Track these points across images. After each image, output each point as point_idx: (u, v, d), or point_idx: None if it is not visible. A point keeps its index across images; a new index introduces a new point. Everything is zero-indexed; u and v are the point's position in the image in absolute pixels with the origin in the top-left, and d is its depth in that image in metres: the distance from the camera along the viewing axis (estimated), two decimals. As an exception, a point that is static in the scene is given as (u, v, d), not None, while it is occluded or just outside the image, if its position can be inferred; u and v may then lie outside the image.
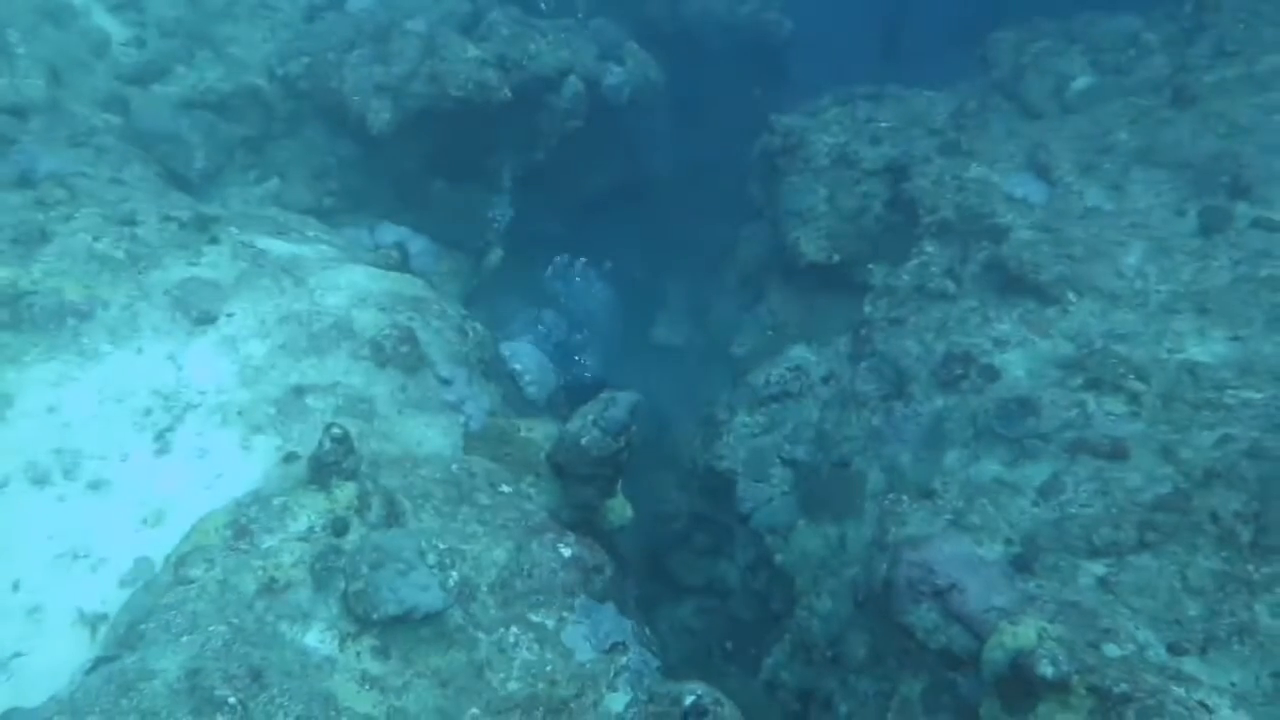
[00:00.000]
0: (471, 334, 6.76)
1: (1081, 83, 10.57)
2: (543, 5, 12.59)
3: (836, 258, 9.47)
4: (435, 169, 10.17)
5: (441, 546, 4.64)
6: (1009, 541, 5.87)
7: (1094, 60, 10.80)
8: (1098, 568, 5.52)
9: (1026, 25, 11.75)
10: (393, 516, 4.86)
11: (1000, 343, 7.57)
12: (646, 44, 14.04)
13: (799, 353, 8.69)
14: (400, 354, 5.91)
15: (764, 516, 7.88)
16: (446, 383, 6.06)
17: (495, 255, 10.24)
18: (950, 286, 8.17)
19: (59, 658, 4.46)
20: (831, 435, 7.90)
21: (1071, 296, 7.65)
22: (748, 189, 12.27)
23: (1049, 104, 10.57)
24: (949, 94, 11.38)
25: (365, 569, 4.44)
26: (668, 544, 9.03)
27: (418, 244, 9.07)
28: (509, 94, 9.51)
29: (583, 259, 10.81)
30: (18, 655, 4.44)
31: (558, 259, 11.00)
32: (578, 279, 10.02)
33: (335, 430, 4.78)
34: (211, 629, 4.20)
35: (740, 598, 8.52)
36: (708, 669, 8.40)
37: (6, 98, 7.91)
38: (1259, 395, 6.34)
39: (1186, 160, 8.63)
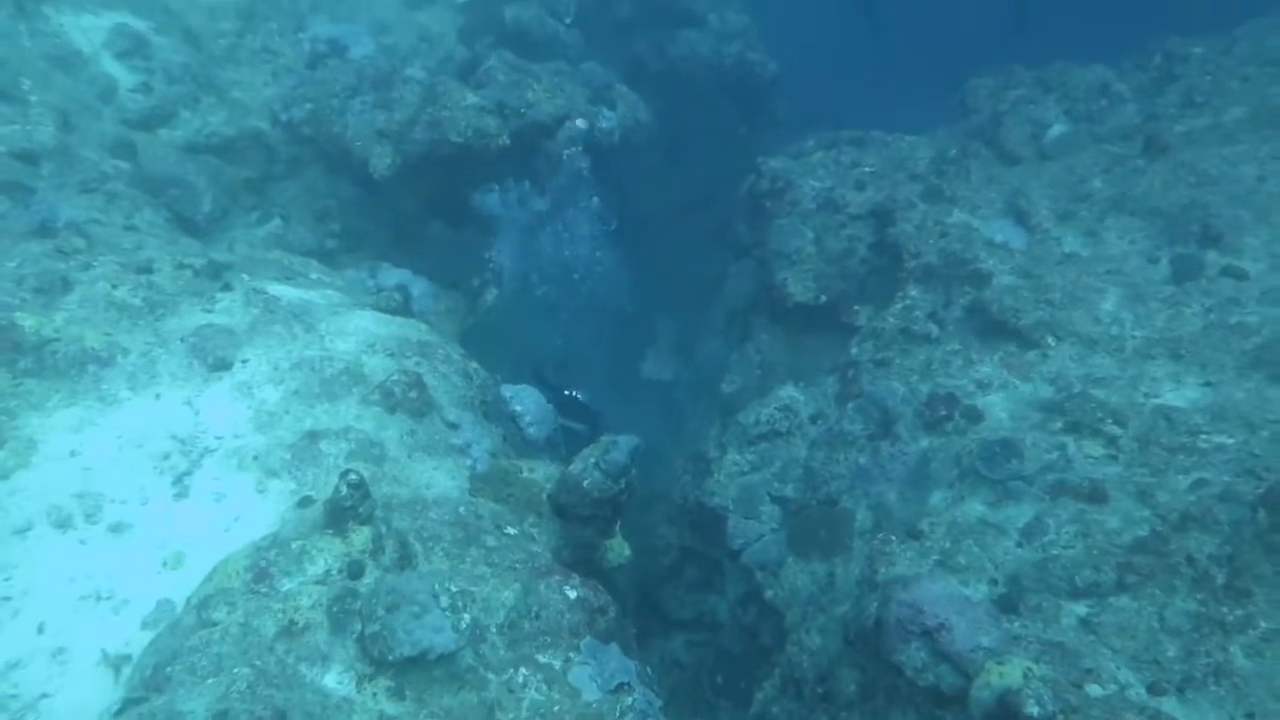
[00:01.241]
0: (474, 377, 6.89)
1: (1057, 130, 10.84)
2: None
3: (823, 298, 9.64)
4: (434, 211, 10.35)
5: (453, 589, 4.75)
6: (994, 582, 6.03)
7: (1068, 109, 11.08)
8: (1080, 608, 5.68)
9: (1003, 72, 12.00)
10: (405, 559, 4.97)
11: (983, 385, 7.76)
12: (634, 82, 14.26)
13: (788, 392, 8.82)
14: (409, 399, 6.04)
15: (754, 553, 7.99)
16: (454, 426, 6.19)
17: (491, 294, 10.39)
18: (934, 330, 8.36)
19: (84, 699, 4.54)
20: (820, 473, 8.03)
21: (1051, 341, 7.85)
22: (734, 227, 12.46)
23: (1026, 150, 10.82)
24: (929, 138, 11.62)
25: (381, 611, 4.55)
26: (658, 578, 9.13)
27: (419, 286, 9.21)
28: (507, 140, 9.69)
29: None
30: (44, 696, 4.51)
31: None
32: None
33: (352, 476, 4.90)
34: (236, 671, 4.30)
35: (730, 632, 8.63)
36: (697, 702, 8.53)
37: (19, 143, 8.02)
38: (1231, 440, 6.54)
39: (1158, 209, 8.87)
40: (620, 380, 13.71)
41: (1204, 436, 6.63)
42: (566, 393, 9.91)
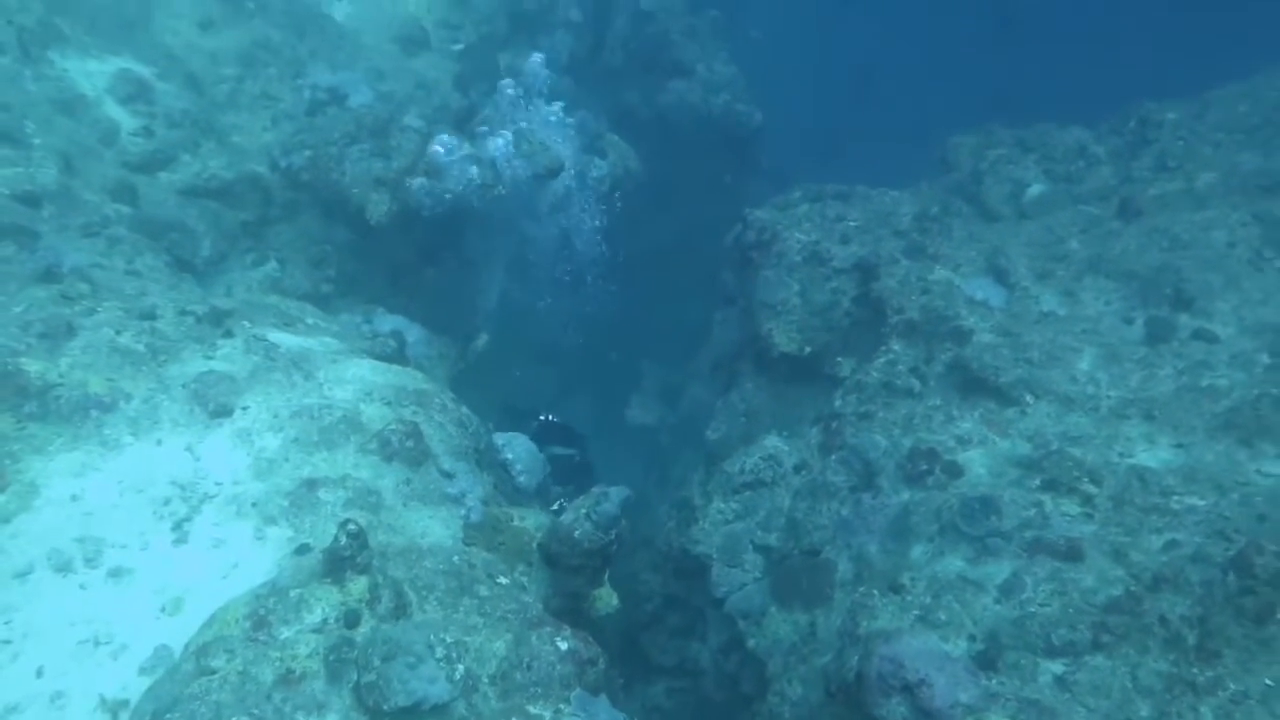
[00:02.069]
0: (468, 425, 6.97)
1: (1036, 190, 11.06)
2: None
3: (808, 349, 9.75)
4: (428, 257, 10.44)
5: (448, 640, 4.81)
6: (973, 638, 6.11)
7: (1047, 169, 11.30)
8: (1056, 666, 5.77)
9: (984, 131, 12.23)
10: (400, 608, 5.02)
11: (963, 441, 7.88)
12: (623, 128, 14.49)
13: (772, 442, 8.91)
14: (406, 448, 6.11)
15: (737, 601, 8.05)
16: (448, 476, 6.26)
17: (482, 340, 10.49)
18: (916, 384, 8.48)
19: (81, 744, 4.57)
20: (802, 524, 8.11)
21: (1029, 399, 8.00)
22: (720, 275, 12.60)
23: (1006, 208, 11.04)
24: (912, 193, 11.79)
25: (377, 661, 4.60)
26: (641, 623, 9.17)
27: (413, 333, 9.29)
28: (503, 192, 9.82)
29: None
30: (42, 740, 4.55)
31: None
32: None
33: (351, 526, 4.95)
34: (234, 720, 4.35)
35: (712, 679, 8.68)
36: (678, 751, 8.58)
37: (22, 185, 8.08)
38: (1202, 503, 6.68)
39: (1133, 271, 9.05)
40: (605, 424, 13.81)
41: (1176, 497, 6.77)
42: (542, 417, 9.98)
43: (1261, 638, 5.63)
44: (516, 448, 7.43)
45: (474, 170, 9.60)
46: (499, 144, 10.23)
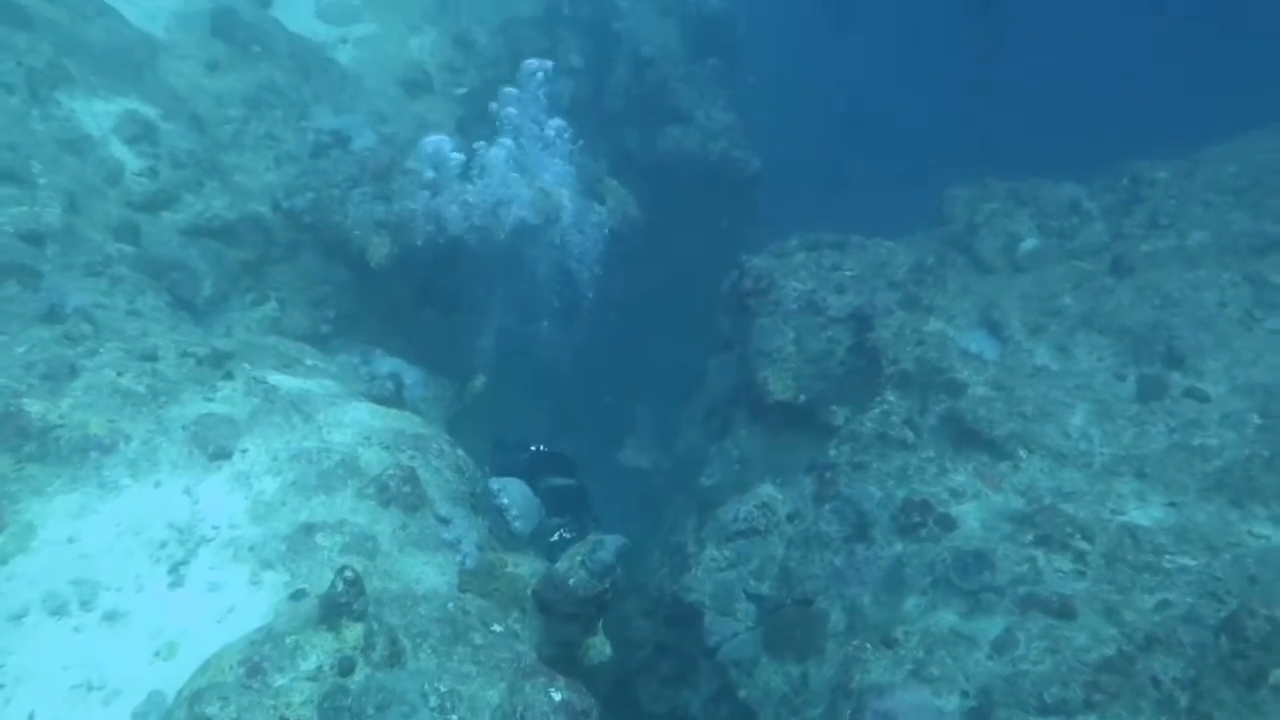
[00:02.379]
0: (465, 470, 6.98)
1: (1029, 244, 11.14)
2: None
3: (802, 398, 9.75)
4: (426, 298, 10.49)
5: (442, 689, 4.79)
6: (965, 694, 6.10)
7: (1041, 224, 11.38)
8: (1048, 724, 5.76)
9: (979, 183, 12.33)
10: (394, 656, 5.00)
11: (956, 494, 7.90)
12: (622, 172, 14.60)
13: (766, 491, 8.90)
14: (403, 494, 6.11)
15: (730, 650, 8.01)
16: (444, 521, 6.25)
17: (479, 382, 10.51)
18: (910, 436, 8.50)
19: (72, 789, 4.54)
20: (796, 573, 8.10)
21: (1022, 453, 8.03)
22: (716, 320, 12.65)
23: (1000, 260, 11.12)
24: (907, 244, 11.85)
25: (371, 710, 4.58)
26: (633, 670, 9.12)
27: (411, 375, 9.32)
28: (503, 237, 9.89)
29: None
30: (32, 786, 4.51)
31: None
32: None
33: (348, 573, 4.94)
34: (227, 769, 4.32)
35: (702, 727, 8.63)
36: (668, 799, 8.51)
37: (26, 224, 8.11)
38: (1193, 562, 6.70)
39: (1125, 328, 9.12)
40: (598, 466, 13.78)
41: (1168, 556, 6.79)
42: (533, 448, 9.93)
43: (1252, 701, 5.64)
44: (512, 492, 7.41)
45: (474, 214, 9.68)
46: (498, 156, 10.32)
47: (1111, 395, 8.57)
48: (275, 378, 7.01)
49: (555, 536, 8.99)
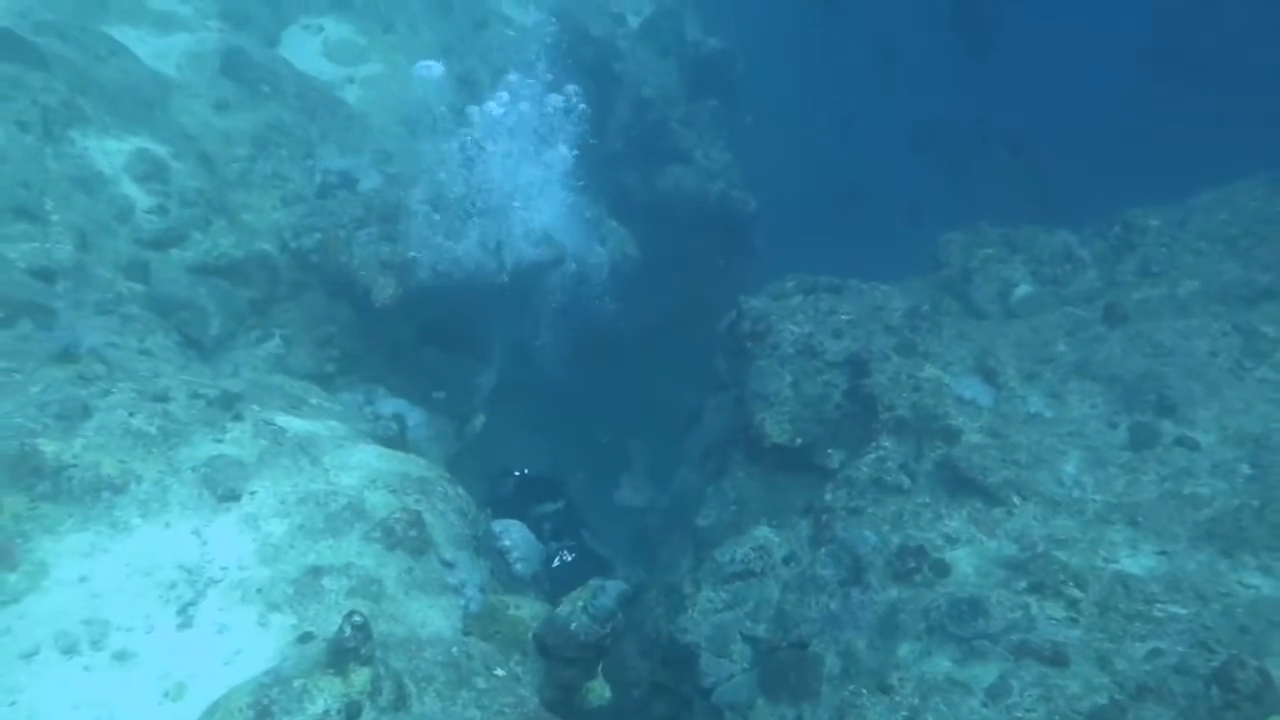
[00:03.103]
0: (468, 513, 7.06)
1: (1023, 290, 11.27)
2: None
3: (798, 440, 9.82)
4: (429, 338, 10.60)
5: (447, 735, 4.87)
6: (960, 742, 6.16)
7: (1034, 270, 11.52)
8: (1042, 773, 5.82)
9: (973, 229, 12.49)
10: (400, 700, 5.06)
11: (951, 539, 7.96)
12: (621, 209, 14.73)
13: (763, 533, 8.97)
14: (409, 538, 6.18)
15: (725, 693, 8.04)
16: (449, 565, 6.33)
17: (479, 421, 10.60)
18: (905, 481, 8.58)
19: (81, 831, 4.58)
20: (791, 616, 8.14)
21: (1016, 500, 8.10)
22: (713, 361, 12.75)
23: (994, 307, 11.25)
24: (902, 288, 11.98)
25: (378, 755, 4.65)
26: (628, 710, 9.14)
27: (414, 416, 9.42)
28: (506, 279, 10.01)
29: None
30: (41, 828, 4.55)
31: None
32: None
33: (356, 619, 5.00)
34: (236, 812, 4.37)
35: (696, 769, 8.64)
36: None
37: (38, 261, 8.23)
38: (1184, 611, 6.76)
39: (1117, 376, 9.21)
40: (594, 504, 13.85)
41: (1159, 605, 6.85)
42: (516, 472, 9.97)
43: (1242, 752, 5.71)
44: (514, 535, 7.50)
45: (477, 256, 9.81)
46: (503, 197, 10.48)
47: (1104, 443, 8.65)
48: (283, 419, 7.09)
49: (556, 561, 9.08)
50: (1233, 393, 8.90)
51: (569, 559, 9.57)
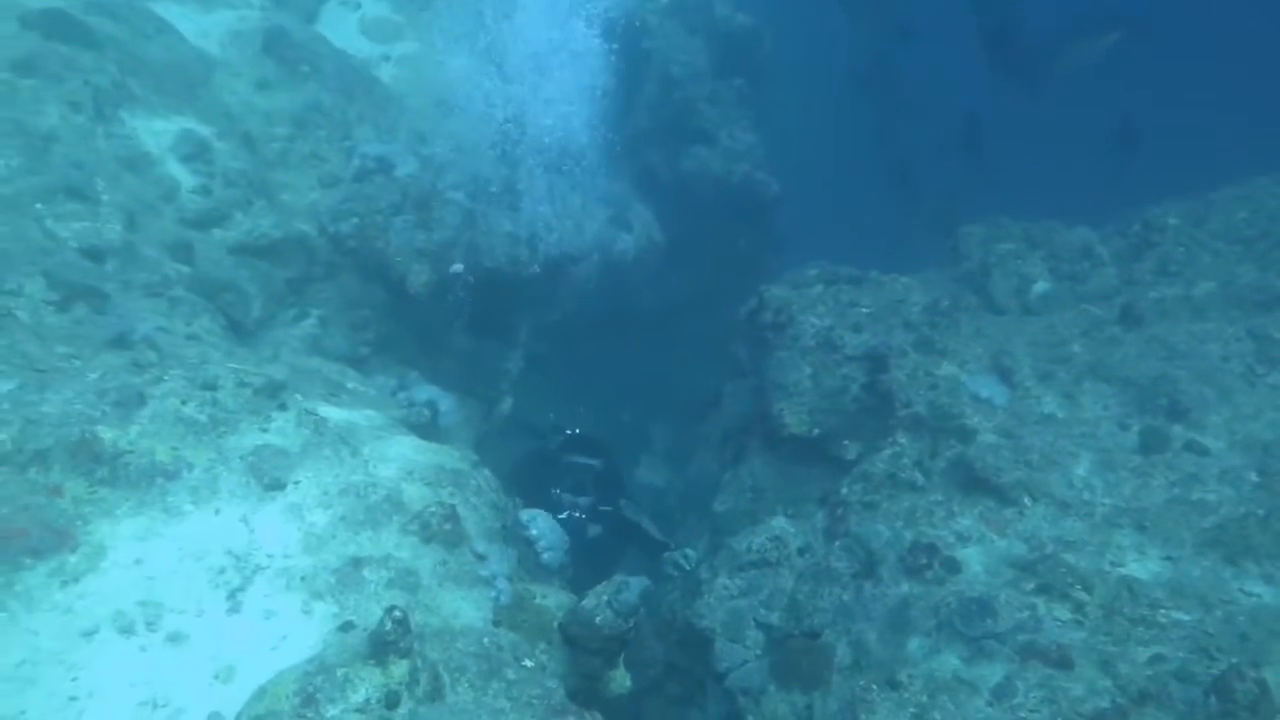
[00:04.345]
0: (500, 506, 7.28)
1: (1041, 287, 11.38)
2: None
3: (816, 431, 9.98)
4: (460, 324, 10.78)
5: (481, 727, 5.10)
6: (965, 739, 6.37)
7: (1053, 267, 11.61)
8: (1043, 773, 6.03)
9: (993, 222, 12.56)
10: (436, 690, 5.29)
11: (962, 538, 8.12)
12: (645, 189, 14.79)
13: (779, 524, 9.14)
14: (444, 531, 6.39)
15: (739, 678, 8.24)
16: (481, 558, 6.54)
17: (506, 404, 10.81)
18: (920, 479, 8.74)
19: (139, 805, 4.83)
20: (805, 605, 8.33)
21: (1027, 501, 8.25)
22: (733, 346, 12.90)
23: (1012, 302, 11.36)
24: (922, 281, 12.08)
25: (416, 744, 4.89)
26: (643, 689, 9.38)
27: (446, 403, 9.61)
28: (538, 269, 10.17)
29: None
30: (102, 800, 4.81)
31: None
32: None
33: (396, 614, 5.22)
34: (285, 795, 4.62)
35: (708, 751, 8.88)
36: (671, 816, 8.77)
37: (89, 240, 8.42)
38: (1187, 618, 6.93)
39: (1130, 379, 9.32)
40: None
41: (1163, 611, 7.02)
42: (568, 431, 10.14)
43: (1237, 759, 5.90)
44: (540, 525, 7.71)
45: (510, 246, 9.97)
46: (535, 186, 10.61)
47: (1115, 445, 8.78)
48: (324, 409, 7.29)
49: (566, 514, 9.26)
50: (1243, 398, 8.99)
51: (579, 516, 9.74)
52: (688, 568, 9.39)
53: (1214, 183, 12.53)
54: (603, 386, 14.52)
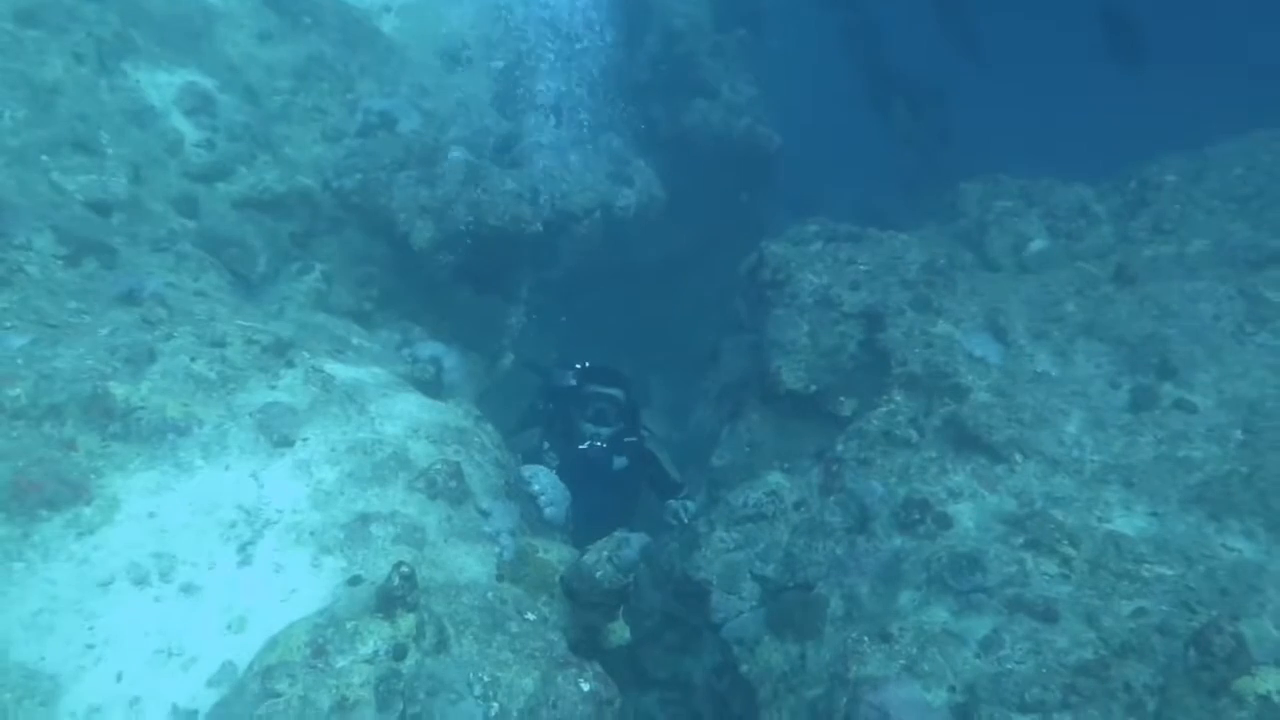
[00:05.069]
0: (503, 464, 7.40)
1: (1037, 245, 11.44)
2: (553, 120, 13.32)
3: (813, 388, 10.09)
4: (463, 279, 10.84)
5: (485, 679, 5.24)
6: (953, 689, 6.53)
7: (1050, 225, 11.66)
8: (1026, 722, 6.20)
9: (992, 180, 12.61)
10: (441, 643, 5.44)
11: (954, 494, 8.26)
12: (645, 142, 14.77)
13: (775, 479, 9.26)
14: (449, 488, 6.51)
15: (734, 628, 8.40)
16: (485, 514, 6.67)
17: (507, 359, 10.90)
18: (914, 435, 8.87)
19: (155, 748, 5.00)
20: (799, 559, 8.48)
21: (1018, 458, 8.38)
22: (733, 302, 12.97)
23: (1007, 260, 11.44)
24: (920, 238, 12.12)
25: (422, 695, 5.04)
26: (639, 638, 9.57)
27: (450, 359, 9.68)
28: (540, 228, 10.21)
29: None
30: (120, 742, 4.97)
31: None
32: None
33: (404, 569, 5.36)
34: (297, 742, 4.79)
35: (702, 695, 9.09)
36: (667, 758, 9.01)
37: (95, 194, 8.48)
38: (1170, 572, 7.10)
39: (1123, 338, 9.42)
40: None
41: (1147, 566, 7.18)
42: (577, 365, 10.18)
43: (1214, 709, 6.05)
44: (542, 480, 7.84)
45: (513, 203, 10.00)
46: (538, 143, 10.63)
47: (1105, 404, 8.89)
48: (330, 366, 7.38)
49: (586, 445, 9.49)
50: (1232, 357, 9.07)
51: (547, 448, 9.80)
52: (685, 520, 9.51)
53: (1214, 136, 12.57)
54: (603, 340, 14.60)
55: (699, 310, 16.24)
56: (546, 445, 9.59)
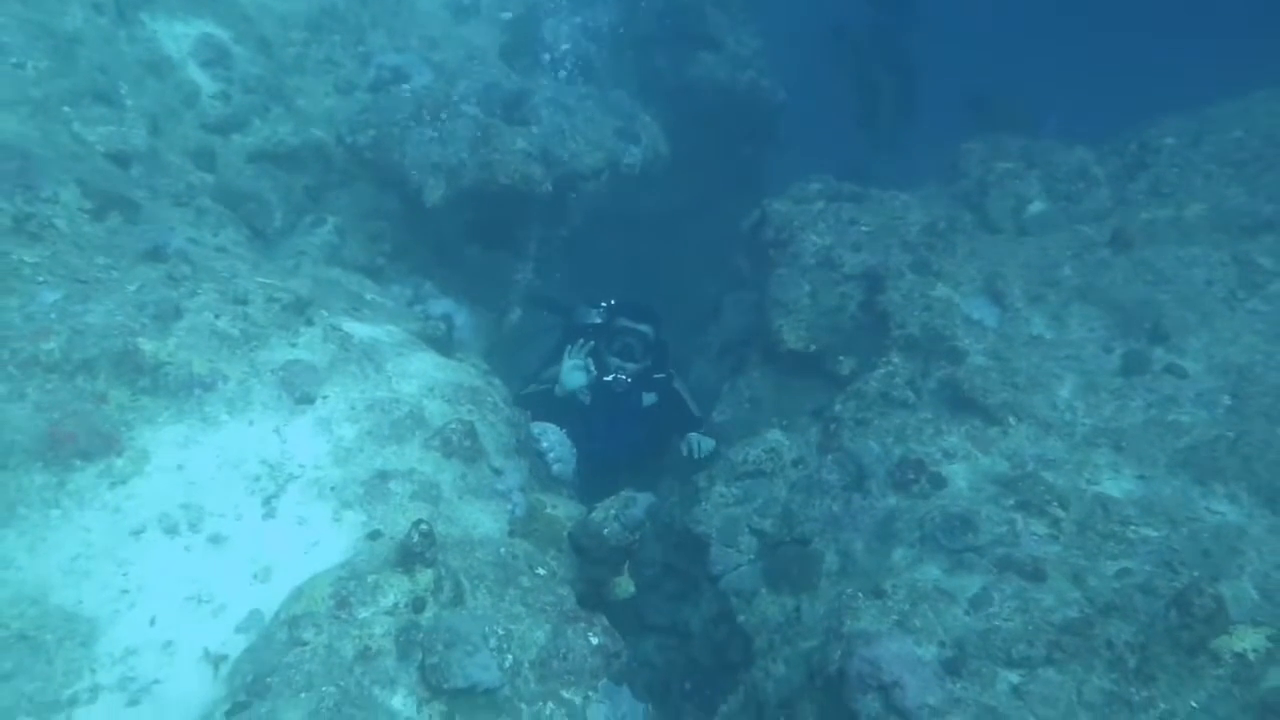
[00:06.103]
0: (514, 423, 7.60)
1: (1036, 207, 11.58)
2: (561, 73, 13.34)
3: (813, 347, 10.28)
4: (472, 236, 10.96)
5: (500, 632, 5.48)
6: (943, 644, 6.76)
7: (1049, 187, 11.77)
8: (1013, 676, 6.42)
9: (993, 141, 12.70)
10: (458, 597, 5.68)
11: (948, 454, 8.46)
12: (648, 95, 14.79)
13: (774, 436, 9.47)
14: (464, 447, 6.71)
15: (732, 580, 8.64)
16: (498, 473, 6.88)
17: (515, 314, 11.05)
18: (911, 397, 9.05)
19: (188, 690, 5.18)
20: (796, 515, 8.69)
21: (1012, 420, 8.57)
22: (734, 258, 13.11)
23: (1007, 222, 11.56)
24: (921, 199, 12.25)
25: (440, 647, 5.26)
26: (640, 587, 9.80)
27: (461, 316, 9.85)
28: (550, 187, 10.30)
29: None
30: (157, 682, 5.17)
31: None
32: None
33: (423, 526, 5.58)
34: (324, 689, 4.99)
35: (700, 643, 9.33)
36: (665, 704, 9.26)
37: (115, 145, 8.55)
38: (1155, 534, 7.31)
39: (1117, 302, 9.57)
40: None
41: (1133, 527, 7.39)
42: (604, 304, 10.26)
43: (1192, 666, 6.29)
44: (551, 437, 8.04)
45: (523, 161, 10.07)
46: (548, 100, 10.70)
47: (1098, 368, 9.04)
48: (348, 324, 7.54)
49: (611, 377, 9.60)
50: (1223, 323, 9.22)
51: (660, 397, 9.92)
52: (698, 456, 9.67)
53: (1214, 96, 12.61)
54: (605, 292, 14.69)
55: (700, 263, 16.34)
56: (583, 362, 9.57)
